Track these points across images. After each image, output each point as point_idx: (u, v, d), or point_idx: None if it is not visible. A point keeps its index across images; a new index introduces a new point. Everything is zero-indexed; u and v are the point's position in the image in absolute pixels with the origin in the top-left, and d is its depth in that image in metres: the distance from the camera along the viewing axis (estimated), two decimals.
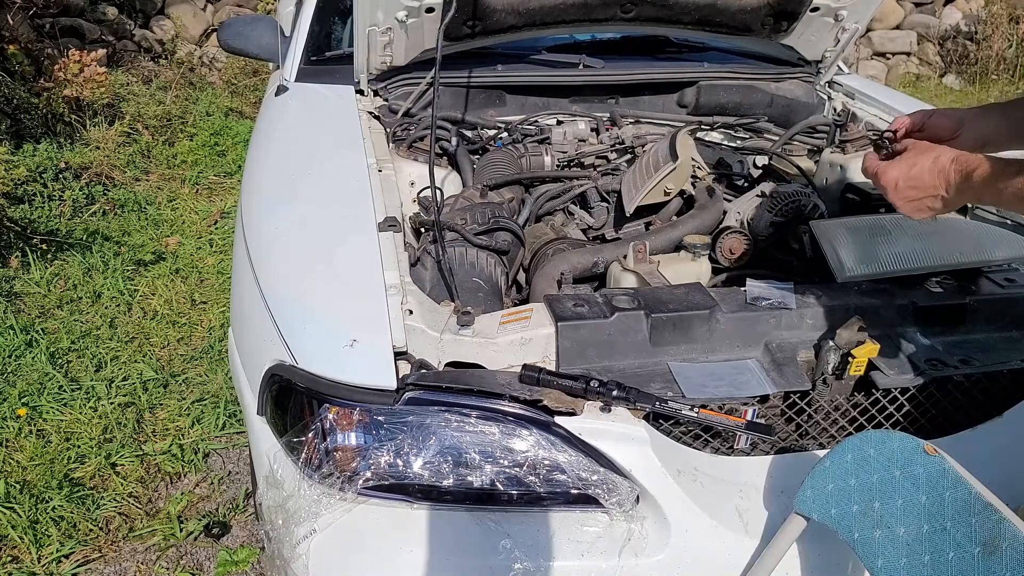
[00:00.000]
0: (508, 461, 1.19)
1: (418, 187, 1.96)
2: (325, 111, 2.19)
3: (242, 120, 5.19)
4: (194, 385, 2.67)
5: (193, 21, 6.36)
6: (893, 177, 1.13)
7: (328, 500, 1.19)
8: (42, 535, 2.04)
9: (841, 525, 1.10)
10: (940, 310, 1.46)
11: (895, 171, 1.13)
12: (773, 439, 1.32)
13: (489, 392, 1.20)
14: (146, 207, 3.98)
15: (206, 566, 2.04)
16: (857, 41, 2.62)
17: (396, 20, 2.01)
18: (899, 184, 1.12)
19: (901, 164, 1.13)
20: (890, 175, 1.14)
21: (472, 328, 1.32)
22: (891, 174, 1.14)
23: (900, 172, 1.13)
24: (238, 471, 2.35)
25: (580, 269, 1.70)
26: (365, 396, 1.20)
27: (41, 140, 4.29)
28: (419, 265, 1.58)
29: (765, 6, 2.19)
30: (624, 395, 1.20)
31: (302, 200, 1.72)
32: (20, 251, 3.33)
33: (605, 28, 2.30)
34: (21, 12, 5.02)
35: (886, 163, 1.17)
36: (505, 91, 2.37)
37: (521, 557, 1.16)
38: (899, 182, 1.12)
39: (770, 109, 2.44)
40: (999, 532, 0.94)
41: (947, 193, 1.08)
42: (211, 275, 3.40)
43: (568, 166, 2.17)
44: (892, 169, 1.14)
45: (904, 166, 1.13)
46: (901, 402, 1.39)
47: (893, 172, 1.13)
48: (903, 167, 1.13)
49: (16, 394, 2.50)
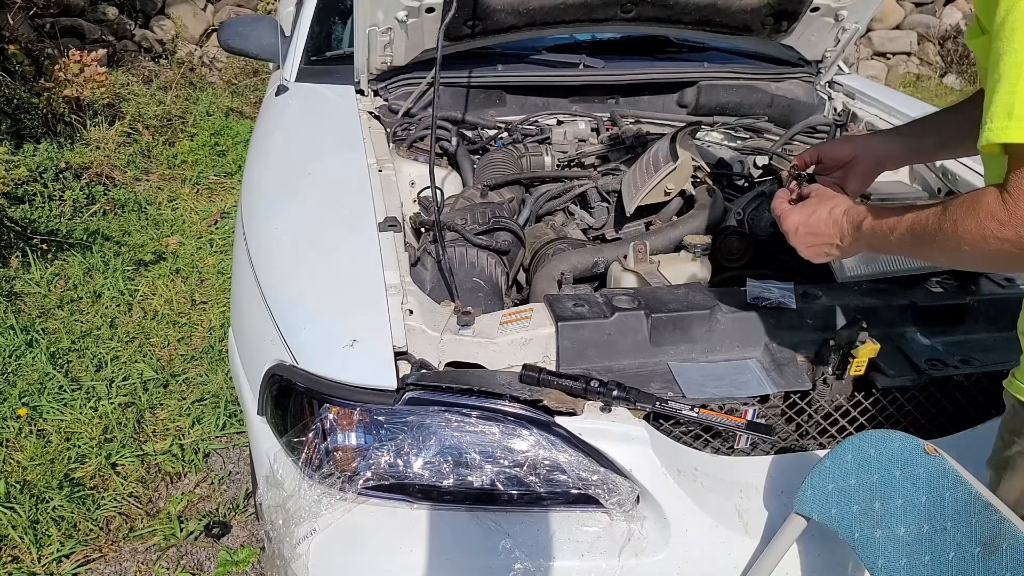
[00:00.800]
0: (508, 461, 1.19)
1: (418, 187, 1.96)
2: (325, 111, 2.19)
3: (242, 120, 5.19)
4: (194, 385, 2.67)
5: (193, 21, 6.36)
6: (794, 223, 1.20)
7: (328, 500, 1.19)
8: (42, 535, 2.04)
9: (841, 525, 1.10)
10: (940, 310, 1.46)
11: (796, 217, 1.20)
12: (773, 439, 1.32)
13: (489, 392, 1.20)
14: (146, 207, 3.98)
15: (206, 566, 2.04)
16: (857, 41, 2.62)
17: (396, 20, 2.01)
18: (799, 230, 1.19)
19: (802, 211, 1.19)
20: (791, 221, 1.20)
21: (472, 328, 1.32)
22: (792, 220, 1.20)
23: (800, 219, 1.19)
24: (238, 471, 2.35)
25: (580, 269, 1.70)
26: (365, 396, 1.20)
27: (41, 140, 4.29)
28: (419, 265, 1.58)
29: (765, 6, 2.19)
30: (624, 395, 1.20)
31: (302, 200, 1.72)
32: (20, 251, 3.33)
33: (605, 28, 2.30)
34: (21, 12, 5.03)
35: (789, 208, 1.22)
36: (505, 91, 2.37)
37: (521, 557, 1.16)
38: (799, 228, 1.19)
39: (770, 109, 2.44)
40: (999, 532, 0.94)
41: (841, 242, 1.14)
42: (211, 275, 3.40)
43: (568, 166, 2.17)
44: (794, 215, 1.20)
45: (804, 213, 1.19)
46: (901, 402, 1.39)
47: (794, 218, 1.20)
48: (804, 214, 1.19)
49: (16, 394, 2.50)
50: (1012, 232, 0.84)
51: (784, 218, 1.22)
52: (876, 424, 1.39)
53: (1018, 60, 0.82)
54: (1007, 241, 0.85)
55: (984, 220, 0.87)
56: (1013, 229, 0.84)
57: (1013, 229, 0.84)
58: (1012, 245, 0.85)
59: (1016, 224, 0.84)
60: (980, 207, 0.87)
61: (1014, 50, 0.82)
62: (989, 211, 0.86)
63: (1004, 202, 0.84)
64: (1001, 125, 0.83)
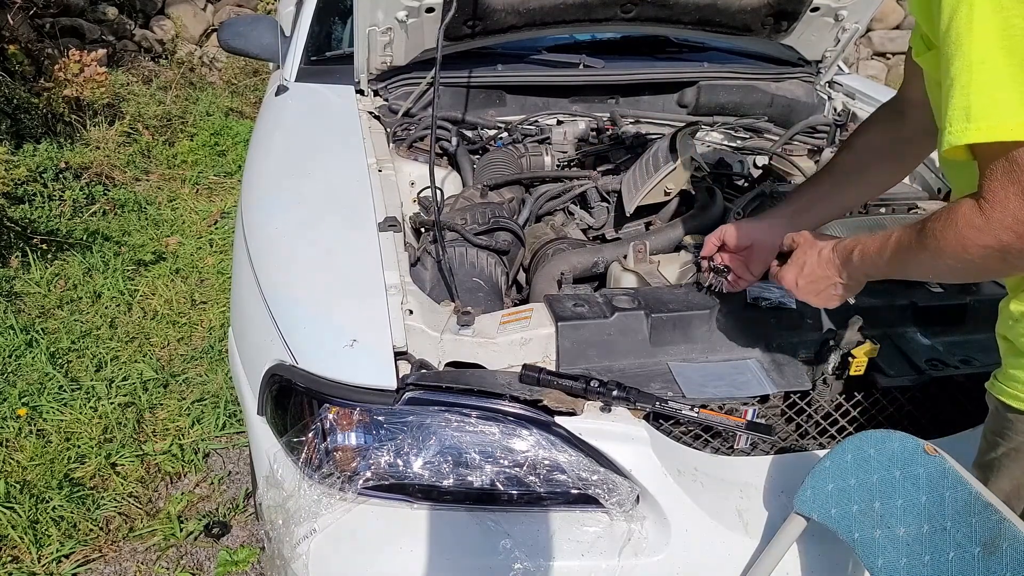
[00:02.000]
0: (508, 461, 1.19)
1: (418, 187, 1.96)
2: (325, 111, 2.19)
3: (242, 120, 5.19)
4: (194, 385, 2.67)
5: (193, 21, 6.36)
6: (791, 279, 1.19)
7: (328, 500, 1.19)
8: (42, 535, 2.04)
9: (841, 525, 1.10)
10: (940, 310, 1.46)
11: (790, 274, 1.19)
12: (773, 439, 1.32)
13: (489, 392, 1.20)
14: (146, 207, 3.98)
15: (206, 566, 2.04)
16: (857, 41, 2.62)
17: (396, 20, 2.01)
18: (799, 283, 1.18)
19: (793, 266, 1.19)
20: (788, 279, 1.19)
21: (472, 328, 1.32)
22: (788, 277, 1.19)
23: (795, 273, 1.18)
24: (238, 471, 2.35)
25: (580, 269, 1.70)
26: (365, 396, 1.20)
27: (41, 140, 4.29)
28: (419, 265, 1.58)
29: (765, 6, 2.19)
30: (624, 395, 1.20)
31: (302, 200, 1.72)
32: (20, 251, 3.33)
33: (605, 28, 2.30)
34: (21, 12, 5.02)
35: (781, 268, 1.22)
36: (505, 91, 2.37)
37: (521, 557, 1.16)
38: (798, 281, 1.18)
39: (770, 109, 2.44)
40: (999, 532, 0.94)
41: (842, 278, 1.12)
42: (211, 275, 3.40)
43: (568, 166, 2.17)
44: (787, 272, 1.19)
45: (796, 267, 1.18)
46: (901, 402, 1.39)
47: (789, 276, 1.19)
48: (796, 268, 1.18)
49: (16, 394, 2.50)
50: (991, 237, 0.84)
51: (782, 279, 1.21)
52: (876, 424, 1.39)
53: (968, 62, 0.82)
54: (988, 247, 0.85)
55: (963, 229, 0.86)
56: (992, 234, 0.84)
57: (992, 234, 0.84)
58: (994, 250, 0.85)
59: (995, 228, 0.83)
60: (957, 217, 0.87)
61: (962, 53, 0.83)
62: (966, 220, 0.86)
63: (980, 208, 0.84)
64: (960, 128, 0.83)
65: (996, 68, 0.81)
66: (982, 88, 0.81)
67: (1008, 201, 0.82)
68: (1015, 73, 0.80)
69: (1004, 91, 0.80)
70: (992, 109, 0.80)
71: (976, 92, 0.81)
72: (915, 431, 1.12)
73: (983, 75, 0.81)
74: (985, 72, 0.81)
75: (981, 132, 0.81)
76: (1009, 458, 1.05)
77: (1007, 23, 0.80)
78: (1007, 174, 0.81)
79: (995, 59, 0.81)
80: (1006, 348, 1.05)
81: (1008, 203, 0.82)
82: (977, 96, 0.81)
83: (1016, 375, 1.02)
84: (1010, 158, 0.81)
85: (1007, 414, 1.04)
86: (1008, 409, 1.03)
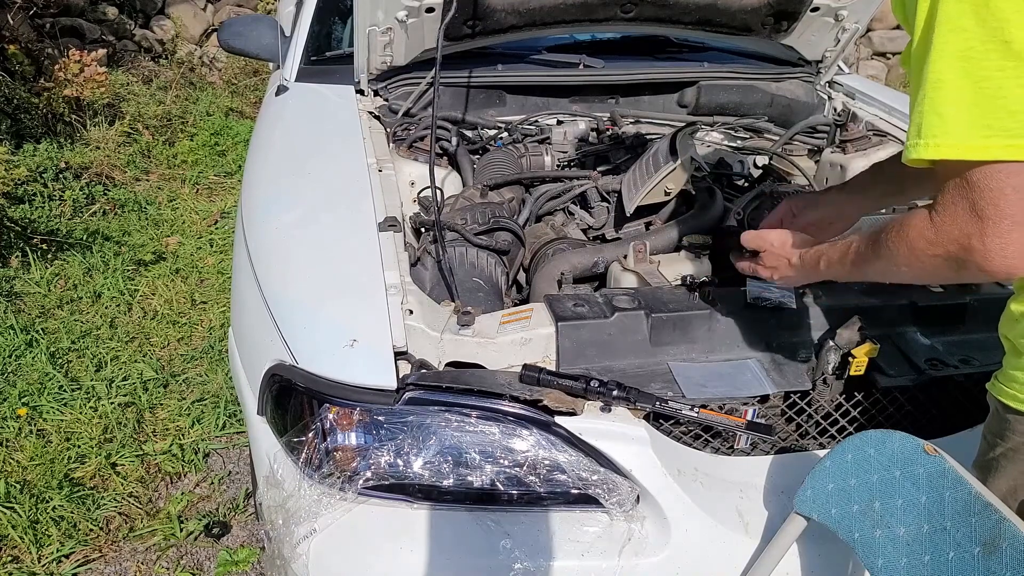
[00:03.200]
0: (508, 461, 1.19)
1: (418, 187, 1.96)
2: (325, 111, 2.19)
3: (242, 120, 5.19)
4: (194, 385, 2.67)
5: (193, 21, 6.36)
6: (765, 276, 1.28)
7: (328, 500, 1.19)
8: (42, 535, 2.04)
9: (841, 525, 1.10)
10: (940, 310, 1.46)
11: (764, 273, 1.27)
12: (773, 439, 1.32)
13: (489, 392, 1.20)
14: (146, 207, 3.98)
15: (206, 566, 2.04)
16: (857, 41, 2.61)
17: (396, 20, 2.01)
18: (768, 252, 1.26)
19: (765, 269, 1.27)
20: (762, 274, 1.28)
21: (472, 328, 1.32)
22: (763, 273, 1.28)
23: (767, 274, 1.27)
24: (238, 471, 2.35)
25: (580, 269, 1.70)
26: (365, 396, 1.20)
27: (41, 140, 4.29)
28: (419, 265, 1.58)
29: (765, 6, 2.19)
30: (624, 395, 1.20)
31: (302, 200, 1.72)
32: (20, 251, 3.33)
33: (605, 28, 2.30)
34: (21, 12, 5.02)
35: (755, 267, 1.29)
36: (505, 91, 2.37)
37: (521, 557, 1.16)
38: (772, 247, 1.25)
39: (770, 109, 2.44)
40: (999, 532, 0.94)
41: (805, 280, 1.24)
42: (211, 275, 3.40)
43: (568, 166, 2.17)
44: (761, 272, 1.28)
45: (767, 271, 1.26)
46: (901, 402, 1.39)
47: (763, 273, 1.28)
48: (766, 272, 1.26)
49: (16, 394, 2.50)
50: (941, 249, 0.88)
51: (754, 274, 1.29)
52: (876, 424, 1.39)
53: (926, 80, 0.85)
54: (937, 257, 0.89)
55: (914, 241, 0.91)
56: (942, 247, 0.88)
57: (942, 247, 0.88)
58: (943, 261, 0.89)
59: (944, 242, 0.87)
60: (910, 229, 0.91)
61: (923, 70, 0.86)
62: (918, 232, 0.90)
63: (932, 221, 0.88)
64: (912, 143, 0.87)
65: (950, 88, 0.83)
66: (934, 107, 0.84)
67: (957, 216, 0.85)
68: (967, 95, 0.82)
69: (954, 111, 0.83)
70: (940, 128, 0.84)
71: (928, 110, 0.85)
72: (915, 431, 1.12)
73: (937, 94, 0.84)
74: (940, 91, 0.84)
75: (929, 149, 0.84)
76: (1007, 458, 1.05)
77: (966, 45, 0.82)
78: (958, 190, 0.85)
79: (951, 80, 0.83)
80: (1008, 348, 1.06)
81: (957, 218, 0.85)
82: (929, 114, 0.85)
83: (1016, 376, 1.02)
84: (964, 176, 0.84)
85: (1006, 415, 1.04)
86: (1007, 410, 1.03)
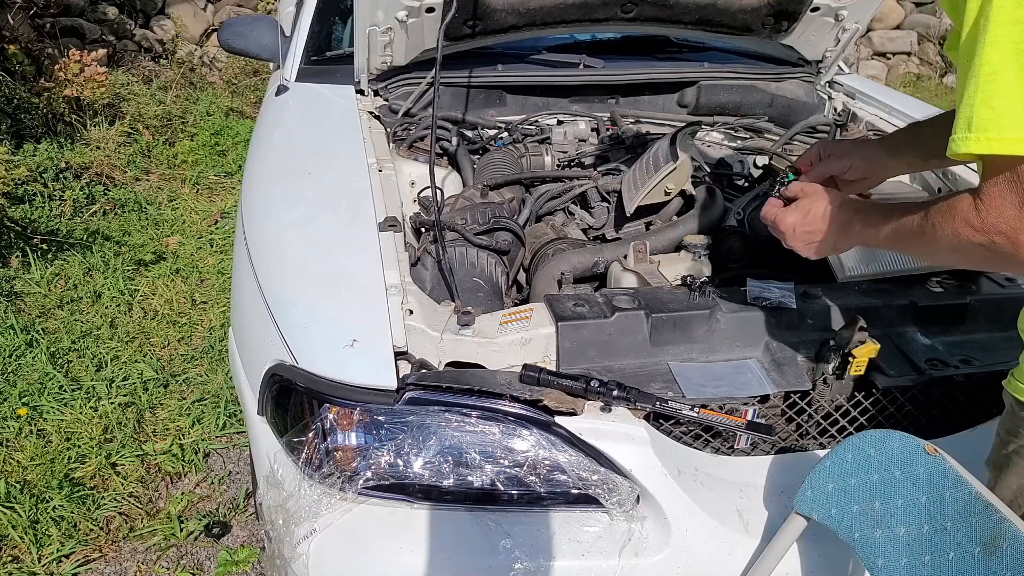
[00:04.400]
0: (508, 461, 1.19)
1: (418, 187, 1.96)
2: (325, 111, 2.19)
3: (242, 120, 5.19)
4: (194, 385, 2.67)
5: (193, 21, 6.36)
6: (791, 223, 1.23)
7: (328, 500, 1.19)
8: (42, 535, 2.04)
9: (841, 525, 1.10)
10: (940, 310, 1.46)
11: (792, 218, 1.23)
12: (773, 439, 1.32)
13: (489, 392, 1.20)
14: (146, 207, 3.98)
15: (206, 566, 2.04)
16: (857, 41, 2.62)
17: (396, 20, 2.01)
18: (796, 230, 1.23)
19: (797, 211, 1.23)
20: (788, 222, 1.24)
21: (472, 328, 1.32)
22: (789, 220, 1.24)
23: (796, 219, 1.23)
24: (238, 471, 2.35)
25: (580, 269, 1.70)
26: (365, 396, 1.20)
27: (41, 140, 4.28)
28: (419, 265, 1.58)
29: (765, 6, 2.18)
30: (624, 395, 1.20)
31: (302, 200, 1.72)
32: (20, 251, 3.33)
33: (605, 28, 2.30)
34: (21, 12, 5.02)
35: (783, 210, 1.26)
36: (505, 91, 2.37)
37: (521, 557, 1.16)
38: (796, 228, 1.23)
39: (770, 109, 2.44)
40: (999, 532, 0.94)
41: (837, 237, 1.18)
42: (211, 275, 3.40)
43: (568, 166, 2.17)
44: (789, 216, 1.24)
45: (800, 213, 1.22)
46: (901, 402, 1.39)
47: (790, 219, 1.23)
48: (799, 214, 1.23)
49: (16, 394, 2.50)
50: (985, 238, 0.88)
51: (780, 220, 1.25)
52: (876, 424, 1.39)
53: (977, 72, 0.84)
54: (979, 245, 0.89)
55: (959, 225, 0.91)
56: (986, 235, 0.88)
57: (986, 235, 0.88)
58: (985, 249, 0.89)
59: (988, 231, 0.87)
60: (956, 212, 0.91)
61: (974, 63, 0.84)
62: (963, 217, 0.90)
63: (977, 209, 0.88)
64: (961, 137, 0.86)
65: (1004, 81, 0.82)
66: (987, 100, 0.83)
67: (1005, 208, 0.85)
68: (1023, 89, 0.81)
69: (1008, 105, 0.82)
70: (993, 122, 0.82)
71: (981, 103, 0.83)
72: (915, 431, 1.12)
73: (990, 87, 0.83)
74: (992, 84, 0.83)
75: (980, 144, 0.83)
76: (1020, 455, 1.05)
77: (1021, 37, 0.81)
78: (1009, 183, 0.84)
79: (1005, 72, 0.82)
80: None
81: (1005, 210, 0.85)
82: (981, 107, 0.83)
83: None
84: (1015, 170, 0.83)
85: (1020, 412, 1.04)
86: (1022, 406, 1.03)
